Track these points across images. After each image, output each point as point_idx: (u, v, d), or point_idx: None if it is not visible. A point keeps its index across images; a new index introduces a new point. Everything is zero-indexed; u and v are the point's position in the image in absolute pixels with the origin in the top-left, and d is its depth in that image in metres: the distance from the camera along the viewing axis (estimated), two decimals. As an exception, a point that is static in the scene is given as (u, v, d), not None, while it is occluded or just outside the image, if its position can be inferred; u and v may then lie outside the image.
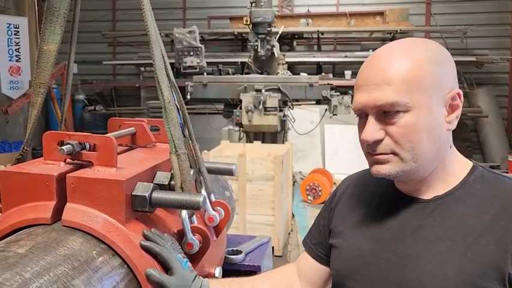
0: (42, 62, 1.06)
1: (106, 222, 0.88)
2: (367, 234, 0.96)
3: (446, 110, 0.88)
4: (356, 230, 0.99)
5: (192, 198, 0.92)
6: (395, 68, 0.86)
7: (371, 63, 0.90)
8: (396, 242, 0.91)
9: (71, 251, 0.81)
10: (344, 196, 1.08)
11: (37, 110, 1.06)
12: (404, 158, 0.87)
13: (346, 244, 1.00)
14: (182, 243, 0.99)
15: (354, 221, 1.01)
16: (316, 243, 1.11)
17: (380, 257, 0.92)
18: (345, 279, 0.98)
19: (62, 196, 0.91)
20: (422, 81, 0.85)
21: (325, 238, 1.09)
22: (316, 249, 1.11)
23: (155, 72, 1.03)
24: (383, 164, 0.89)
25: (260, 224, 3.85)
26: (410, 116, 0.85)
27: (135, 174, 0.94)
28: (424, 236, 0.88)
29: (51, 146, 0.97)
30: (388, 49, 0.91)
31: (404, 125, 0.85)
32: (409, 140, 0.85)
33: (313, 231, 1.15)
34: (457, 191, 0.90)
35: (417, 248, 0.88)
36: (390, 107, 0.85)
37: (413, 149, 0.86)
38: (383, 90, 0.85)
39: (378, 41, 8.48)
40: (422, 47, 0.89)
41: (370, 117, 0.88)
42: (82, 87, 8.39)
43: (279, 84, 4.78)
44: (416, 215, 0.91)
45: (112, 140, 0.94)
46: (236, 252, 1.61)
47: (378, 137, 0.87)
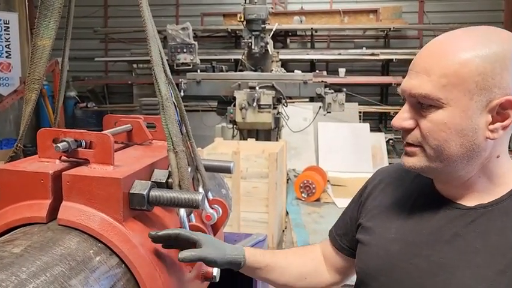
0: (37, 58, 1.03)
1: (103, 221, 0.87)
2: (398, 235, 0.90)
3: (490, 116, 0.78)
4: (386, 228, 0.93)
5: (191, 196, 0.91)
6: (440, 59, 0.78)
7: (426, 47, 0.83)
8: (430, 248, 0.85)
9: (67, 250, 0.80)
10: (375, 190, 1.02)
11: (31, 106, 1.04)
12: (429, 154, 0.82)
13: (374, 242, 0.94)
14: (180, 242, 0.98)
15: (385, 218, 0.95)
16: (341, 234, 1.08)
17: (410, 261, 0.86)
18: (369, 278, 0.93)
19: (57, 194, 0.89)
20: (466, 80, 0.77)
21: (351, 231, 1.05)
22: (341, 241, 1.08)
23: (153, 69, 1.02)
24: (409, 156, 0.85)
25: (254, 221, 3.84)
26: (442, 113, 0.79)
27: (133, 172, 0.92)
28: (461, 246, 0.82)
29: (46, 143, 0.95)
30: (448, 36, 0.82)
31: (434, 121, 0.79)
32: (435, 138, 0.80)
33: (339, 222, 1.11)
34: (504, 202, 0.83)
35: (452, 258, 0.82)
36: (422, 98, 0.80)
37: (439, 148, 0.80)
38: (421, 79, 0.80)
39: (371, 39, 8.52)
40: (487, 40, 0.78)
41: (406, 104, 0.84)
42: (74, 84, 8.30)
43: (273, 82, 4.77)
44: (454, 221, 0.84)
45: (109, 137, 0.92)
46: (232, 251, 1.60)
47: (407, 125, 0.83)
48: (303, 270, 1.11)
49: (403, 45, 8.26)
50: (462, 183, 0.85)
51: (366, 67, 8.34)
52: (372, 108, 7.56)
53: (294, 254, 1.13)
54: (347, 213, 1.09)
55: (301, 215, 4.58)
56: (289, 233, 4.18)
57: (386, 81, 7.68)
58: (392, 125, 0.86)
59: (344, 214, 1.11)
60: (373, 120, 7.95)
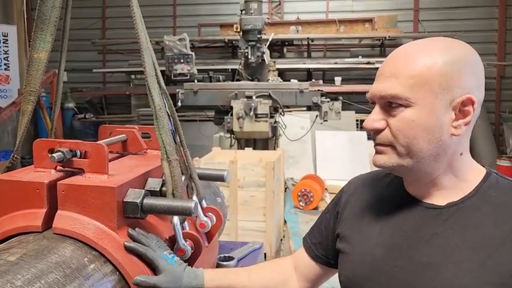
0: (33, 70, 1.06)
1: (97, 229, 0.88)
2: (379, 240, 0.93)
3: (454, 114, 0.85)
4: (366, 235, 0.95)
5: (184, 204, 0.93)
6: (407, 63, 0.85)
7: (391, 55, 0.90)
8: (412, 249, 0.88)
9: (62, 258, 0.81)
10: (351, 198, 1.05)
11: (27, 117, 1.06)
12: (399, 152, 0.86)
13: (356, 250, 0.96)
14: (174, 249, 1.00)
15: (363, 225, 0.97)
16: (316, 243, 1.10)
17: (395, 265, 0.88)
18: (355, 286, 0.94)
19: (53, 203, 0.91)
20: (431, 80, 0.83)
21: (327, 239, 1.07)
22: (316, 249, 1.09)
23: (146, 80, 1.04)
24: (380, 154, 0.89)
25: (252, 230, 3.84)
26: (411, 111, 0.84)
27: (127, 180, 0.94)
28: (441, 244, 0.86)
29: (42, 153, 0.97)
30: (411, 45, 0.90)
31: (403, 119, 0.85)
32: (405, 135, 0.85)
33: (314, 231, 1.12)
34: (472, 198, 0.88)
35: (435, 257, 0.85)
36: (392, 98, 0.85)
37: (408, 145, 0.85)
38: (390, 82, 0.86)
39: (367, 48, 8.58)
40: (446, 47, 0.86)
41: (376, 106, 0.89)
42: (72, 95, 8.33)
43: (270, 91, 4.80)
44: (431, 221, 0.88)
45: (103, 147, 0.94)
46: (228, 259, 1.60)
47: (378, 126, 0.88)
48: (268, 286, 1.11)
49: (399, 54, 8.31)
50: (430, 181, 0.90)
51: (363, 75, 8.39)
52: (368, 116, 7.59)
53: (258, 270, 1.13)
54: (321, 223, 1.11)
55: (299, 224, 4.58)
56: (287, 241, 4.18)
57: (383, 90, 7.72)
58: (364, 126, 0.91)
59: (319, 223, 1.12)
60: (370, 128, 7.97)
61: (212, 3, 8.76)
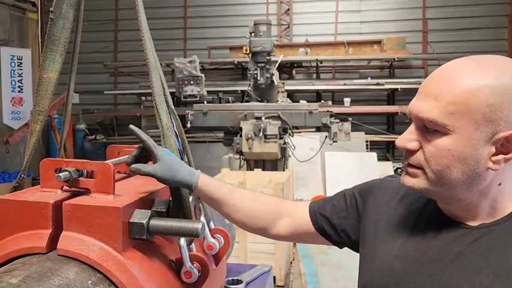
0: (42, 90, 1.06)
1: (102, 251, 0.86)
2: (401, 253, 0.89)
3: (494, 147, 0.78)
4: (389, 246, 0.92)
5: (190, 225, 0.91)
6: (450, 86, 0.78)
7: (437, 71, 0.83)
8: (433, 267, 0.84)
9: (65, 280, 0.79)
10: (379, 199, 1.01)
11: (36, 137, 1.06)
12: (430, 177, 0.82)
13: (377, 260, 0.93)
14: (180, 273, 0.97)
15: (388, 235, 0.94)
16: (323, 214, 1.07)
17: (413, 280, 0.85)
18: None
19: (58, 224, 0.89)
20: (474, 109, 0.76)
21: (336, 218, 1.05)
22: (319, 220, 1.07)
23: (154, 99, 1.04)
24: (409, 176, 0.85)
25: (261, 252, 3.78)
26: (447, 139, 0.79)
27: (133, 201, 0.92)
28: (464, 265, 0.82)
29: (49, 173, 0.96)
30: (460, 62, 0.82)
31: (438, 147, 0.80)
32: (438, 163, 0.80)
33: (326, 205, 1.08)
34: (506, 222, 0.83)
35: (456, 278, 0.81)
36: (429, 123, 0.80)
37: (440, 173, 0.80)
38: (428, 103, 0.80)
39: (376, 69, 8.61)
40: (499, 71, 0.78)
41: (412, 125, 0.84)
42: (83, 116, 8.45)
43: (279, 112, 4.80)
44: (457, 240, 0.84)
45: (110, 167, 0.93)
46: (236, 282, 1.57)
47: (411, 147, 0.83)
48: (256, 216, 1.09)
49: (408, 75, 8.33)
50: (463, 206, 0.85)
51: (372, 96, 8.40)
52: (379, 137, 7.56)
53: (253, 198, 1.10)
54: (338, 202, 1.07)
55: (309, 246, 4.51)
56: (297, 264, 4.11)
57: (392, 111, 7.71)
58: (396, 144, 0.86)
59: (334, 201, 1.08)
60: (380, 149, 7.93)
61: (222, 26, 8.90)
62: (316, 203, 1.11)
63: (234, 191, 1.08)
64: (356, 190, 1.08)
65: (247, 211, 1.07)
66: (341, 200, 1.08)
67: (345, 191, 1.10)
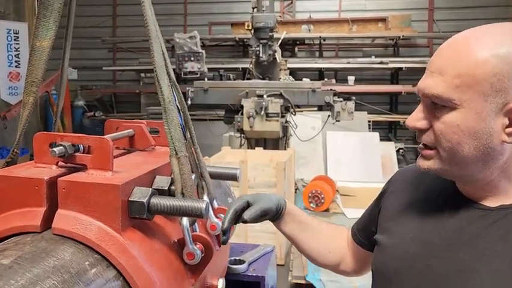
0: (35, 59, 0.99)
1: (100, 231, 0.81)
2: (416, 236, 0.87)
3: (507, 119, 0.75)
4: (404, 229, 0.91)
5: (194, 204, 0.85)
6: (455, 58, 0.76)
7: (443, 45, 0.81)
8: (449, 249, 0.82)
9: (61, 262, 0.74)
10: (397, 190, 1.00)
11: (29, 110, 0.99)
12: (443, 157, 0.80)
13: (392, 243, 0.92)
14: (183, 254, 0.92)
15: (404, 218, 0.93)
16: (360, 229, 1.10)
17: (427, 263, 0.83)
18: (386, 280, 0.91)
19: (53, 202, 0.84)
20: (480, 81, 0.74)
21: (369, 225, 1.06)
22: (359, 235, 1.09)
23: (155, 70, 0.97)
24: (425, 159, 0.83)
25: (262, 232, 3.76)
26: (455, 114, 0.76)
27: (132, 178, 0.87)
28: (481, 247, 0.79)
29: (43, 147, 0.90)
30: (464, 34, 0.79)
31: (446, 123, 0.77)
32: (448, 140, 0.78)
33: (361, 218, 1.13)
34: None
35: (471, 261, 0.79)
36: (435, 99, 0.78)
37: (452, 150, 0.78)
38: (435, 79, 0.77)
39: (380, 47, 8.47)
40: (506, 38, 0.74)
41: (420, 104, 0.83)
42: (82, 93, 8.35)
43: (281, 90, 4.72)
44: (474, 222, 0.82)
45: (108, 142, 0.87)
46: (239, 262, 1.53)
47: (420, 125, 0.81)
48: (331, 244, 1.13)
49: (413, 54, 8.19)
50: (482, 186, 0.82)
51: (375, 76, 8.28)
52: (381, 117, 7.48)
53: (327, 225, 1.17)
54: (368, 210, 1.11)
55: (309, 225, 4.50)
56: (298, 243, 4.10)
57: (396, 90, 7.61)
58: (406, 124, 0.85)
59: (366, 210, 1.12)
60: (383, 129, 7.86)
61: (223, 1, 8.71)
62: (355, 223, 1.15)
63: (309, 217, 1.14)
64: (379, 195, 1.08)
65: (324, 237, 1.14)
66: (371, 205, 1.10)
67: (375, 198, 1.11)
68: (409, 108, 8.37)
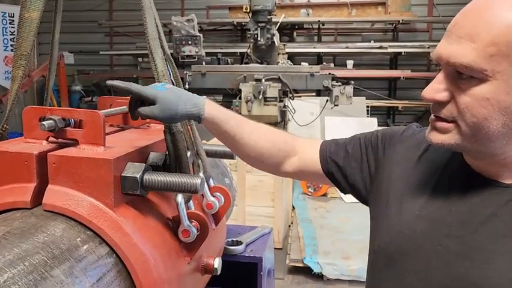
0: (24, 32, 0.96)
1: (92, 207, 0.79)
2: (424, 213, 0.80)
3: None
4: (408, 205, 0.82)
5: (188, 180, 0.83)
6: (489, 22, 0.66)
7: (469, 7, 0.70)
8: (462, 228, 0.75)
9: (51, 237, 0.72)
10: (396, 155, 0.90)
11: (18, 84, 0.97)
12: (463, 132, 0.71)
13: (395, 220, 0.83)
14: (178, 231, 0.90)
15: (407, 192, 0.84)
16: (335, 160, 0.98)
17: (439, 242, 0.77)
18: (390, 260, 0.83)
19: (43, 177, 0.82)
20: None
21: (347, 167, 0.96)
22: (330, 165, 0.98)
23: (148, 42, 0.94)
24: (437, 131, 0.74)
25: (260, 216, 3.76)
26: (486, 87, 0.68)
27: (125, 153, 0.84)
28: (498, 227, 0.73)
29: (32, 122, 0.87)
30: None
31: (474, 96, 0.68)
32: (474, 115, 0.69)
33: (338, 148, 0.99)
34: None
35: (487, 241, 0.73)
36: (463, 69, 0.68)
37: (476, 126, 0.70)
38: (463, 46, 0.67)
39: (379, 32, 8.38)
40: None
41: (440, 73, 0.73)
42: (79, 78, 8.26)
43: (280, 74, 4.66)
44: (490, 200, 0.75)
45: (100, 115, 0.84)
46: (236, 243, 1.52)
47: (441, 98, 0.72)
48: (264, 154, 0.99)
49: (412, 39, 8.11)
50: (498, 161, 0.75)
51: (374, 61, 8.20)
52: (380, 102, 7.43)
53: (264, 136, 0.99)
54: (354, 149, 0.97)
55: (307, 210, 4.50)
56: (296, 227, 4.10)
57: (395, 75, 7.54)
58: (423, 96, 0.75)
59: (350, 146, 0.98)
60: (381, 115, 7.82)
61: (221, -15, 8.58)
62: (328, 146, 1.01)
63: (243, 125, 0.97)
64: (374, 138, 0.96)
65: (255, 148, 0.97)
66: (356, 147, 0.97)
67: (360, 137, 0.98)
68: (408, 94, 8.33)
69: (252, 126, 0.99)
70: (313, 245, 3.67)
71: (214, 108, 0.92)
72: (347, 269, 3.35)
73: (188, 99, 0.88)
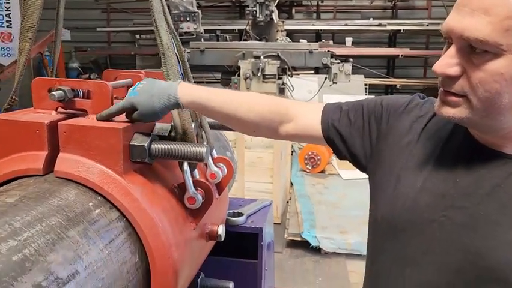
0: (29, 4, 0.97)
1: (102, 173, 0.82)
2: (426, 185, 0.80)
3: None
4: (411, 177, 0.82)
5: (194, 148, 0.86)
6: None
7: None
8: (466, 200, 0.75)
9: (65, 202, 0.76)
10: (398, 125, 0.89)
11: (25, 56, 0.98)
12: (474, 106, 0.70)
13: (397, 192, 0.83)
14: (184, 198, 0.94)
15: (409, 164, 0.83)
16: (336, 129, 0.95)
17: (442, 213, 0.77)
18: (394, 232, 0.83)
19: (54, 146, 0.85)
20: None
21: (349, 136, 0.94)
22: (331, 132, 0.96)
23: (153, 15, 0.95)
24: (447, 105, 0.73)
25: (259, 191, 3.81)
26: (500, 62, 0.66)
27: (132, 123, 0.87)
28: (503, 198, 0.72)
29: (42, 93, 0.90)
30: None
31: (488, 70, 0.67)
32: (487, 90, 0.68)
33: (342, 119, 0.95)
34: None
35: (492, 212, 0.73)
36: (478, 43, 0.66)
37: (488, 101, 0.69)
38: (476, 19, 0.66)
39: (379, 9, 8.31)
40: None
41: (452, 47, 0.71)
42: (76, 54, 8.19)
43: (278, 51, 4.64)
44: (494, 171, 0.74)
45: (108, 86, 0.87)
46: (237, 215, 1.56)
47: (452, 72, 0.71)
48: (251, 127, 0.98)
49: (411, 16, 8.05)
50: (504, 134, 0.76)
51: (373, 39, 8.16)
52: (378, 80, 7.43)
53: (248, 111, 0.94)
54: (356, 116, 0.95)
55: (305, 186, 4.56)
56: (294, 203, 4.17)
57: (393, 53, 7.52)
58: (434, 70, 0.73)
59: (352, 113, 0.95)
60: (379, 93, 7.83)
61: (219, -41, 8.43)
62: (331, 111, 0.97)
63: (229, 100, 0.93)
64: (378, 107, 0.94)
65: (246, 121, 0.95)
66: (358, 114, 0.95)
67: (363, 104, 0.96)
68: (407, 72, 8.31)
69: (238, 101, 0.94)
70: (311, 220, 3.75)
71: (191, 91, 0.89)
72: (344, 242, 3.43)
73: (161, 93, 0.86)
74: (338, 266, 3.29)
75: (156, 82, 0.89)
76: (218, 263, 1.35)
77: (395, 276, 0.84)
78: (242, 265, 1.50)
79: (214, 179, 1.08)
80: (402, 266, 0.82)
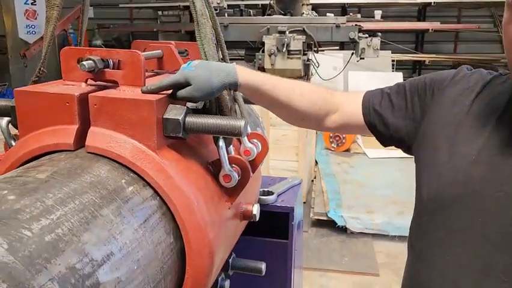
0: (56, -31, 0.92)
1: (135, 149, 0.78)
2: (481, 157, 0.76)
3: None
4: (463, 149, 0.78)
5: (232, 122, 0.80)
6: None
7: None
8: None
9: (97, 178, 0.71)
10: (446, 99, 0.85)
11: (53, 25, 0.94)
12: None
13: (447, 165, 0.79)
14: (219, 176, 0.89)
15: (461, 136, 0.80)
16: (378, 112, 0.95)
17: (499, 189, 0.73)
18: (443, 209, 0.79)
19: (84, 119, 0.80)
20: None
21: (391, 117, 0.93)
22: (373, 117, 0.96)
23: (186, -21, 0.89)
24: None
25: (284, 170, 3.77)
26: None
27: (166, 95, 0.82)
28: None
29: (71, 63, 0.85)
30: None
31: None
32: None
33: (382, 99, 0.96)
34: None
35: None
36: None
37: None
38: None
39: (408, -18, 7.98)
40: None
41: None
42: (99, 32, 8.20)
43: (304, 26, 4.51)
44: None
45: (139, 56, 0.81)
46: (268, 193, 1.52)
47: None
48: (302, 114, 0.98)
49: (442, -12, 7.71)
50: None
51: (401, 12, 7.87)
52: (406, 56, 7.19)
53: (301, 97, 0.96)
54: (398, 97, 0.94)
55: (330, 165, 4.49)
56: (319, 182, 4.11)
57: (422, 27, 7.24)
58: None
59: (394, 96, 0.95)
60: (407, 70, 7.60)
61: None
62: (372, 96, 0.98)
63: (279, 86, 0.94)
64: (421, 84, 0.92)
65: (294, 109, 0.96)
66: (400, 96, 0.94)
67: (406, 84, 0.95)
68: (436, 47, 8.01)
69: (290, 86, 0.96)
70: (337, 199, 3.69)
71: (248, 73, 0.89)
72: (371, 222, 3.37)
73: (220, 70, 0.84)
74: (365, 246, 3.24)
75: (211, 62, 0.87)
76: (248, 242, 1.31)
77: (440, 257, 0.80)
78: (272, 245, 1.46)
79: (248, 155, 1.02)
80: (447, 245, 0.79)
